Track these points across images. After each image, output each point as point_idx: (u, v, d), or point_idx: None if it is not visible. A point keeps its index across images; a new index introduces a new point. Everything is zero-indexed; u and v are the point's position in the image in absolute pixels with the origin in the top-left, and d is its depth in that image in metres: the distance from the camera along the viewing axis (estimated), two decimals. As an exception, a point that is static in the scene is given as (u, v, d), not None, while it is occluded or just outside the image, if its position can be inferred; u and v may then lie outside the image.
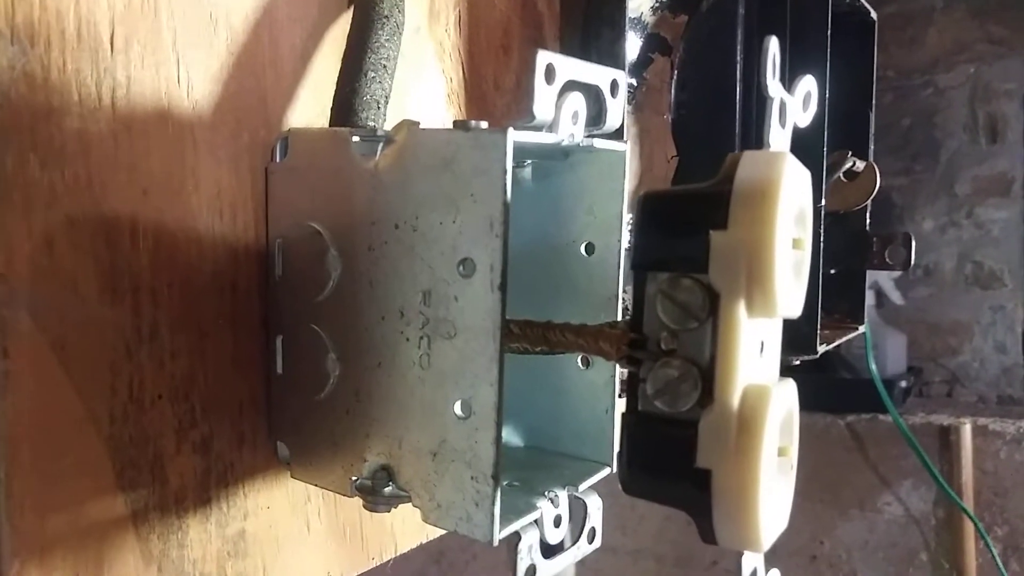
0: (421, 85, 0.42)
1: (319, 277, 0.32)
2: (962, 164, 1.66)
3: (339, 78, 0.33)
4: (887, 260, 0.70)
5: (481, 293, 0.28)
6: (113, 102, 0.29)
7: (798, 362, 0.59)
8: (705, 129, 0.57)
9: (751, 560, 0.29)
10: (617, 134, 0.34)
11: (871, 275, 1.73)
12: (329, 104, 0.33)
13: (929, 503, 1.57)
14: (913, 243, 0.69)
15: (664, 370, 0.26)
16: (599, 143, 0.33)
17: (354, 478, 0.32)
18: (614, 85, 0.32)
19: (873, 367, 1.49)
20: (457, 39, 0.43)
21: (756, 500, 0.24)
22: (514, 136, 0.27)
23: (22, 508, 0.27)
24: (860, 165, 0.63)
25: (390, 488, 0.31)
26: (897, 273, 1.69)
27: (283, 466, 0.35)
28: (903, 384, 1.60)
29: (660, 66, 0.57)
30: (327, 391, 0.32)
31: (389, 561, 0.43)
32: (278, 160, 0.34)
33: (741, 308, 0.25)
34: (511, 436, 0.39)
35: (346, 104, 0.33)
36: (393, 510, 0.32)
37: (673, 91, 0.57)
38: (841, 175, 0.63)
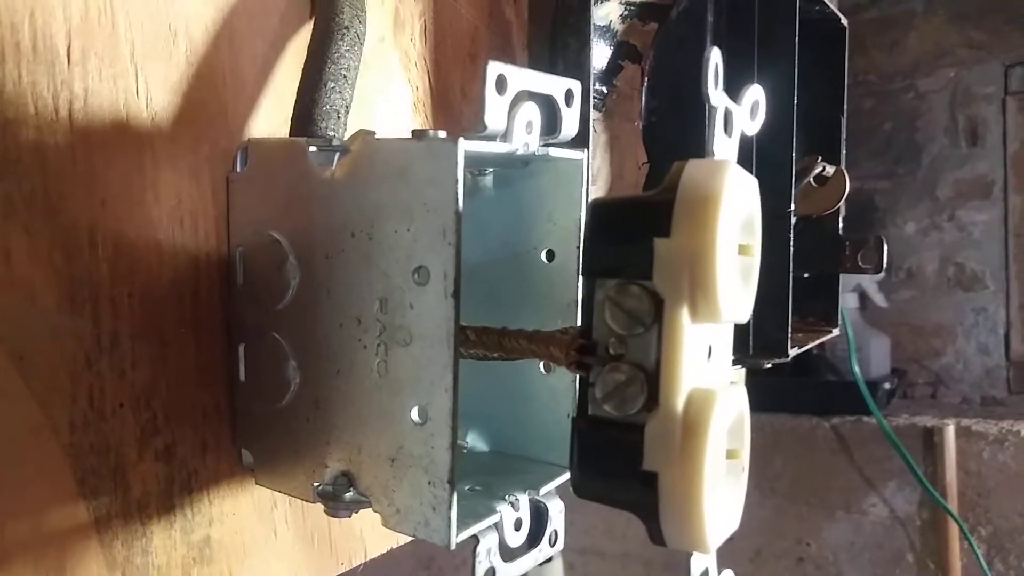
0: (387, 94, 0.42)
1: (279, 285, 0.32)
2: (943, 167, 1.68)
3: (299, 88, 0.34)
4: (860, 263, 0.70)
5: (435, 300, 0.29)
6: (71, 114, 0.29)
7: (769, 365, 0.60)
8: (676, 135, 0.57)
9: (701, 561, 0.29)
10: (575, 142, 0.34)
11: (855, 278, 1.74)
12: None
13: (914, 504, 1.58)
14: (885, 246, 0.70)
15: (612, 375, 0.26)
16: (556, 152, 0.33)
17: (316, 484, 0.32)
18: (568, 95, 0.32)
19: (856, 369, 1.50)
20: (423, 48, 0.44)
21: (701, 502, 0.25)
22: (465, 146, 0.28)
23: (-21, 516, 0.27)
24: (830, 170, 0.63)
25: (351, 494, 0.32)
26: (880, 276, 1.70)
27: (248, 473, 0.35)
28: (887, 386, 1.61)
29: (630, 73, 0.58)
30: (288, 399, 0.33)
31: (359, 566, 0.43)
32: (238, 170, 0.34)
33: (684, 314, 0.25)
34: (477, 441, 0.39)
35: (306, 114, 0.33)
36: (355, 515, 0.32)
37: (644, 98, 0.57)
38: (811, 180, 0.64)
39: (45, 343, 0.29)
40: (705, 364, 0.27)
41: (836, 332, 0.72)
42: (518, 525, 0.33)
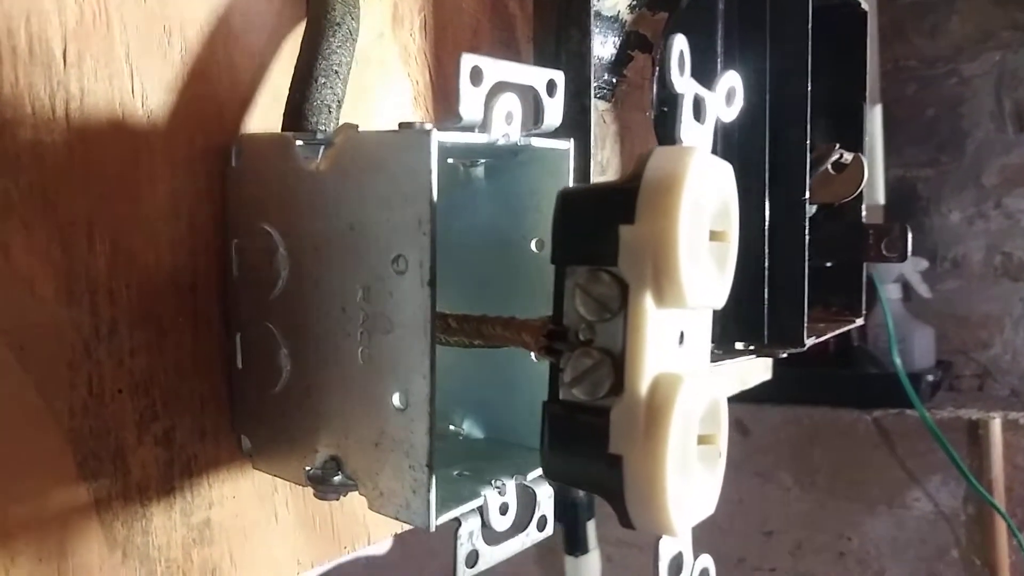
0: (387, 89, 0.43)
1: (270, 276, 0.33)
2: (989, 154, 1.63)
3: (291, 84, 0.35)
4: (884, 252, 0.69)
5: (413, 289, 0.29)
6: (67, 113, 0.30)
7: (785, 355, 0.59)
8: (687, 125, 0.57)
9: (671, 544, 0.29)
10: (573, 133, 0.35)
11: (898, 268, 1.69)
12: (288, 109, 0.35)
13: (959, 499, 1.55)
14: (909, 235, 0.68)
15: (581, 360, 0.27)
16: (540, 142, 0.34)
17: (307, 468, 0.33)
18: (551, 85, 0.33)
19: (898, 361, 1.47)
20: (423, 42, 0.44)
21: (664, 485, 0.25)
22: (439, 137, 0.28)
23: (-20, 496, 0.29)
24: (848, 157, 0.63)
25: (339, 477, 0.33)
26: (924, 266, 1.66)
27: (247, 458, 0.36)
28: (930, 378, 1.57)
29: (640, 63, 0.58)
30: (281, 385, 0.34)
31: (362, 559, 0.44)
32: (234, 164, 0.35)
33: (648, 299, 0.25)
34: (472, 428, 0.40)
35: (296, 109, 0.34)
36: (358, 500, 0.33)
37: (655, 87, 0.57)
38: (829, 167, 0.63)
39: (44, 333, 0.30)
40: (676, 350, 0.28)
41: (860, 322, 0.71)
42: (504, 510, 0.33)
